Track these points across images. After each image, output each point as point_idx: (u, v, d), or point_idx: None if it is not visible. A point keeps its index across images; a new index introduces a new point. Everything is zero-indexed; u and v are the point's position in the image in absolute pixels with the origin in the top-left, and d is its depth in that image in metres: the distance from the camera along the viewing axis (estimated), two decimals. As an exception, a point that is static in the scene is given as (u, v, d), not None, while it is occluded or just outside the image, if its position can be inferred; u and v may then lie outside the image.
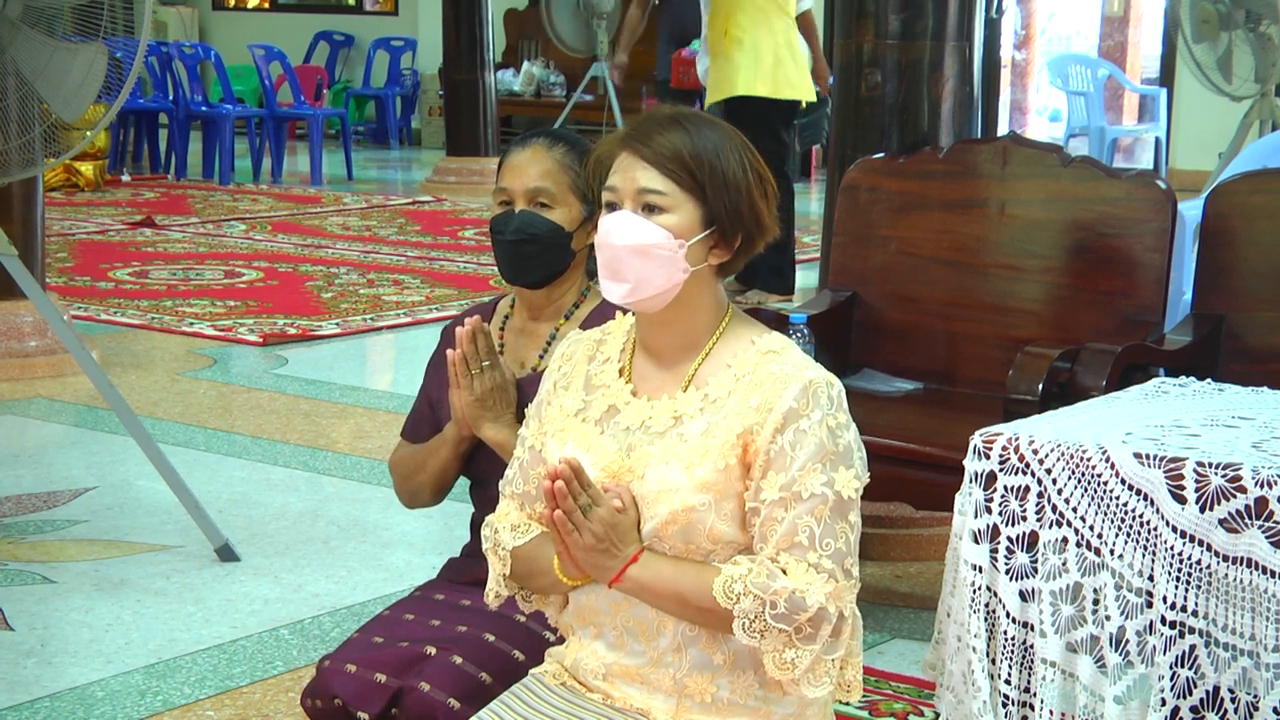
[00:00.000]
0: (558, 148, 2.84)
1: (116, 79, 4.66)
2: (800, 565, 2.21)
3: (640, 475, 2.28)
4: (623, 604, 2.32)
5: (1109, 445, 2.44)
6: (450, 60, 12.43)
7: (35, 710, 3.61)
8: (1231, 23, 8.34)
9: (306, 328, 7.65)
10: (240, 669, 3.85)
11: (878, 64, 4.64)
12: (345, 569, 4.54)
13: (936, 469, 3.73)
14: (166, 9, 17.15)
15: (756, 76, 8.17)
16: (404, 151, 16.26)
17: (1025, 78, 15.88)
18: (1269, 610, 2.31)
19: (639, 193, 2.27)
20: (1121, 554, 2.41)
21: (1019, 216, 4.26)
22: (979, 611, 2.51)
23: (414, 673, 2.65)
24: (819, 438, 2.22)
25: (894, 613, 4.25)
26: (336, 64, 16.96)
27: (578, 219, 2.84)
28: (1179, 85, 12.88)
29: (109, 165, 12.99)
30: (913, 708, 3.64)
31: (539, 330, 2.90)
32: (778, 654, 2.21)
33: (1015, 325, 4.21)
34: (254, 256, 9.65)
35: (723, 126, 2.33)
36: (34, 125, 4.62)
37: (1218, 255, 4.01)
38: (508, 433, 2.75)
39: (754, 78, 8.17)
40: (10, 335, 6.53)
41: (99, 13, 4.55)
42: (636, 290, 2.28)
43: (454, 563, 3.00)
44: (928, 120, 4.64)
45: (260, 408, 6.28)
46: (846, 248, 4.51)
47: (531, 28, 15.75)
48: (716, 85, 8.25)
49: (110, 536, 4.74)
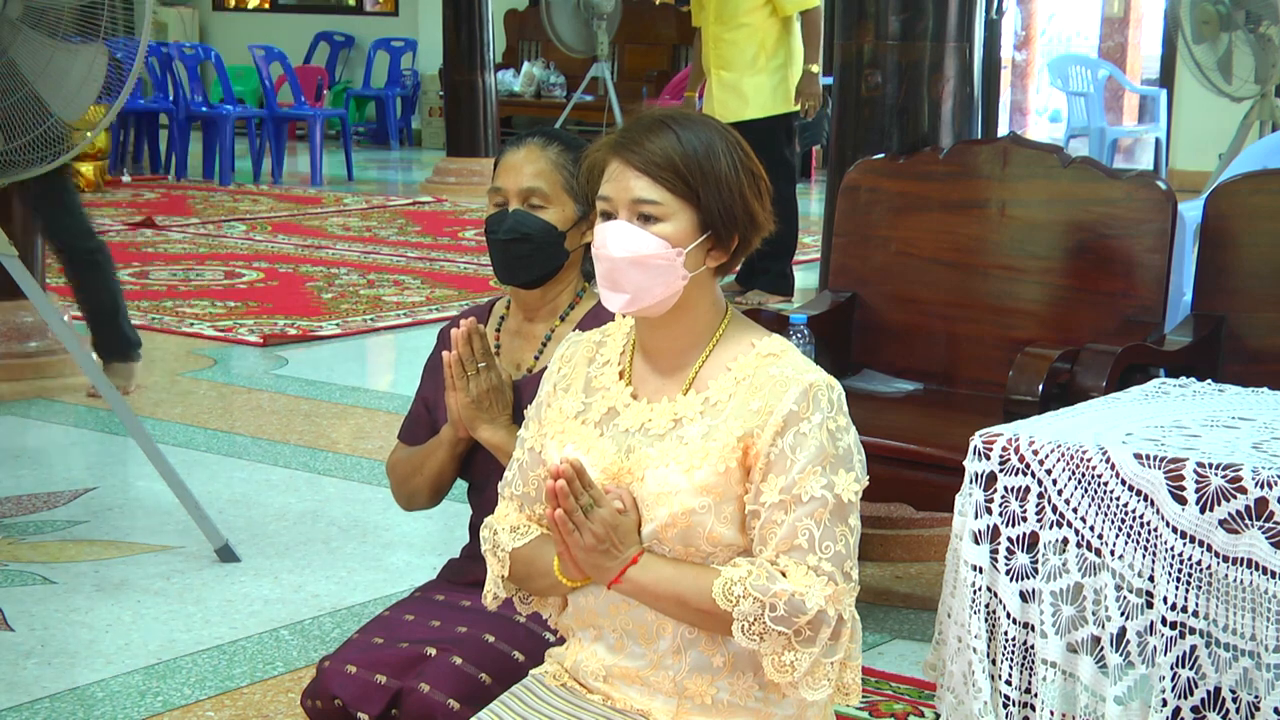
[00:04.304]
0: (552, 147, 2.84)
1: (117, 79, 4.66)
2: (800, 568, 2.21)
3: (640, 477, 2.28)
4: (622, 606, 2.32)
5: (1109, 446, 2.44)
6: (450, 61, 12.43)
7: (35, 711, 3.61)
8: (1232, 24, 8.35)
9: (307, 328, 7.65)
10: (240, 670, 3.85)
11: (878, 65, 4.64)
12: (345, 570, 4.54)
13: (937, 470, 3.73)
14: (166, 9, 17.15)
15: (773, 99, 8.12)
16: (404, 152, 16.26)
17: (1025, 78, 15.88)
18: (1269, 611, 2.31)
19: (633, 203, 2.26)
20: (1122, 554, 2.41)
21: (1019, 217, 4.26)
22: (979, 612, 2.51)
23: (414, 674, 2.65)
24: (819, 441, 2.22)
25: (894, 614, 4.24)
26: (337, 64, 16.96)
27: (571, 219, 2.83)
28: (1179, 86, 12.88)
29: (109, 166, 12.99)
30: (913, 708, 3.64)
31: (534, 332, 2.90)
32: (777, 656, 2.21)
33: (1015, 326, 4.21)
34: (254, 257, 9.65)
35: (711, 124, 2.31)
36: (34, 126, 4.62)
37: (1218, 256, 4.01)
38: (504, 435, 2.75)
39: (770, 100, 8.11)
40: (10, 335, 6.53)
41: (99, 13, 4.55)
42: (636, 300, 2.28)
43: (453, 564, 3.00)
44: (928, 121, 4.64)
45: (260, 408, 6.28)
46: (847, 248, 4.51)
47: (531, 28, 15.75)
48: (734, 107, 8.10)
49: (110, 537, 4.74)
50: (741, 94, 8.12)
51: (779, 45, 8.14)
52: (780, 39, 8.14)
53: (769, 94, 8.13)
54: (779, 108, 8.15)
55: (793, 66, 8.19)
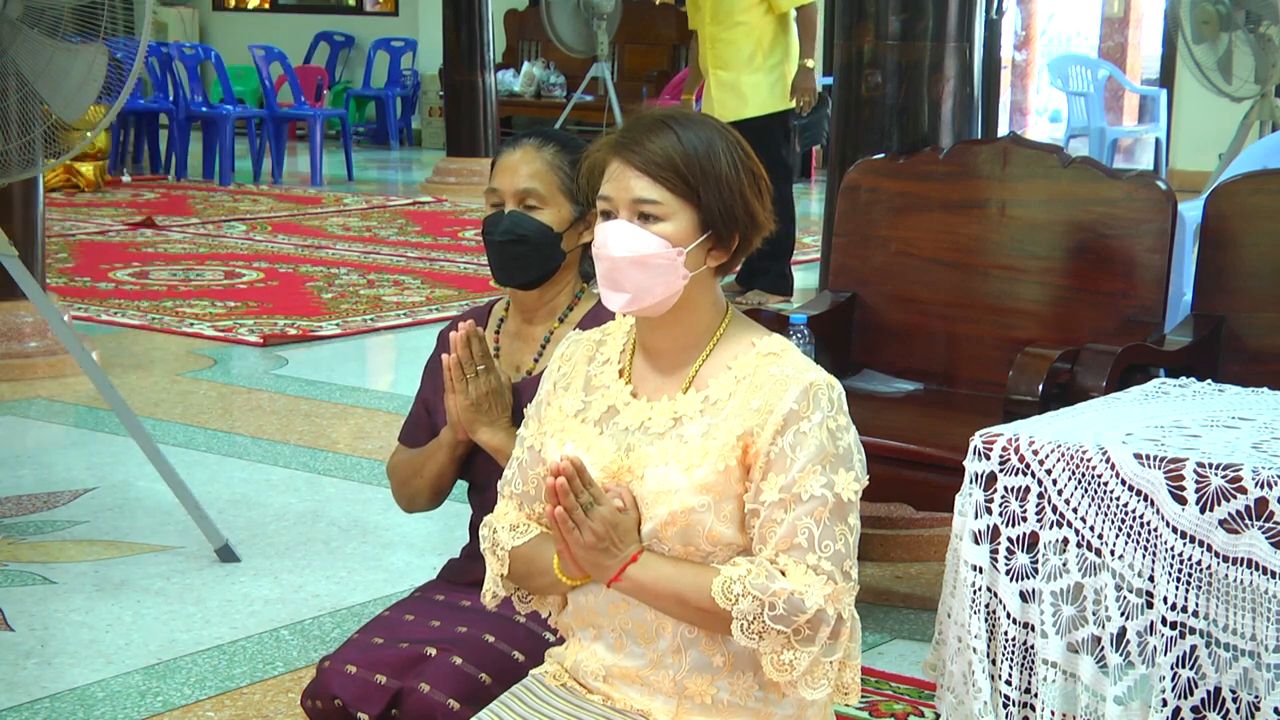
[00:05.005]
0: (547, 148, 2.83)
1: (117, 79, 4.65)
2: (799, 567, 2.21)
3: (639, 476, 2.28)
4: (621, 606, 2.32)
5: (1109, 446, 2.44)
6: (450, 61, 12.43)
7: (35, 711, 3.61)
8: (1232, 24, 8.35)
9: (307, 328, 7.65)
10: (240, 670, 3.85)
11: (878, 65, 4.64)
12: (345, 570, 4.53)
13: (937, 470, 3.73)
14: (166, 9, 17.15)
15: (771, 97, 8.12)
16: (404, 152, 16.26)
17: (1025, 78, 15.88)
18: (1269, 611, 2.31)
19: (634, 203, 2.27)
20: (1122, 554, 2.41)
21: (1019, 217, 4.26)
22: (979, 612, 2.51)
23: (414, 673, 2.65)
24: (819, 440, 2.22)
25: (894, 613, 4.24)
26: (337, 64, 16.96)
27: (567, 219, 2.83)
28: (1179, 86, 12.88)
29: (109, 166, 12.99)
30: (913, 708, 3.64)
31: (533, 333, 2.90)
32: (776, 655, 2.21)
33: (1015, 326, 4.21)
34: (254, 257, 9.65)
35: (711, 123, 2.31)
36: (34, 126, 4.62)
37: (1218, 256, 4.01)
38: (503, 437, 2.75)
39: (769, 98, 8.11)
40: (10, 336, 6.53)
41: (99, 13, 4.55)
42: (637, 300, 2.28)
43: (454, 564, 3.00)
44: (928, 121, 4.64)
45: (260, 408, 6.28)
46: (847, 248, 4.52)
47: (531, 28, 15.75)
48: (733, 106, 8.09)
49: (110, 537, 4.74)
50: (740, 92, 8.12)
51: (776, 43, 8.14)
52: (777, 36, 8.14)
53: (767, 92, 8.13)
54: (777, 105, 8.16)
55: (790, 63, 8.19)
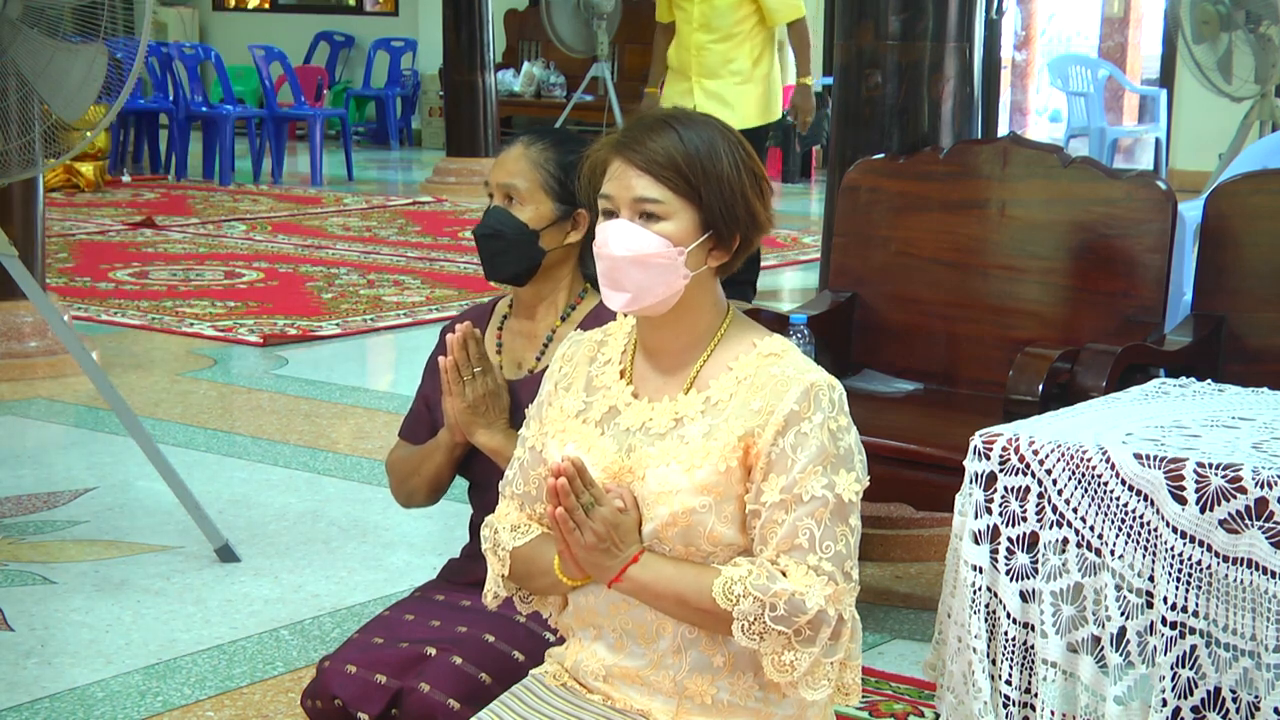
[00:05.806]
0: (535, 146, 2.85)
1: (117, 79, 4.65)
2: (800, 568, 2.21)
3: (640, 476, 2.28)
4: (622, 606, 2.32)
5: (1109, 446, 2.44)
6: (450, 61, 12.44)
7: (35, 711, 3.61)
8: (1232, 23, 8.35)
9: (307, 328, 7.65)
10: (240, 670, 3.85)
11: (878, 65, 4.64)
12: (345, 569, 4.54)
13: (937, 470, 3.73)
14: (166, 9, 17.15)
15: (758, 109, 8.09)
16: (404, 152, 16.26)
17: (1025, 78, 15.88)
18: (1269, 611, 2.31)
19: (635, 201, 2.27)
20: (1122, 554, 2.41)
21: (1019, 217, 4.26)
22: (979, 612, 2.51)
23: (414, 673, 2.65)
24: (820, 440, 2.22)
25: (894, 613, 4.24)
26: (337, 64, 16.97)
27: (547, 217, 2.83)
28: (1179, 86, 12.88)
29: (109, 166, 12.99)
30: (913, 708, 3.64)
31: (536, 331, 2.91)
32: (776, 656, 2.21)
33: (1015, 326, 4.21)
34: (254, 257, 9.65)
35: (714, 123, 2.31)
36: (34, 126, 4.62)
37: (1218, 256, 4.01)
38: (500, 439, 2.76)
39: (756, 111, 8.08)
40: (10, 335, 6.53)
41: (99, 13, 4.55)
42: (637, 299, 2.28)
43: (454, 564, 3.01)
44: (928, 121, 4.64)
45: (260, 408, 6.29)
46: (847, 248, 4.52)
47: (531, 28, 15.75)
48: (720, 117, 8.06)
49: (110, 537, 4.74)
50: (727, 103, 8.08)
51: (765, 55, 8.11)
52: (765, 49, 8.10)
53: (754, 104, 8.08)
54: (764, 118, 8.11)
55: (776, 75, 8.16)
